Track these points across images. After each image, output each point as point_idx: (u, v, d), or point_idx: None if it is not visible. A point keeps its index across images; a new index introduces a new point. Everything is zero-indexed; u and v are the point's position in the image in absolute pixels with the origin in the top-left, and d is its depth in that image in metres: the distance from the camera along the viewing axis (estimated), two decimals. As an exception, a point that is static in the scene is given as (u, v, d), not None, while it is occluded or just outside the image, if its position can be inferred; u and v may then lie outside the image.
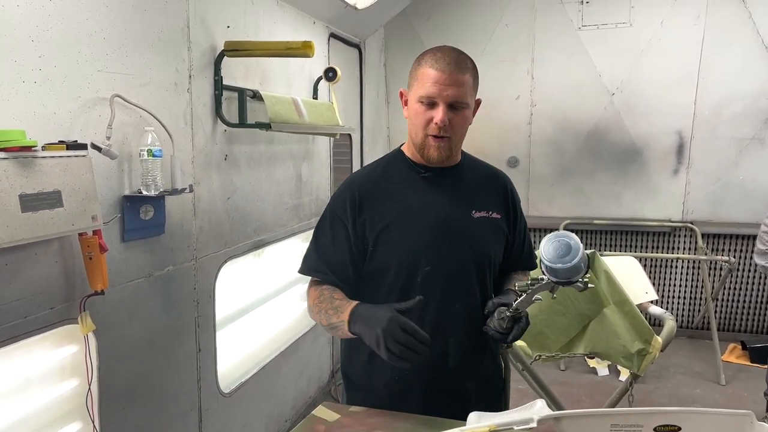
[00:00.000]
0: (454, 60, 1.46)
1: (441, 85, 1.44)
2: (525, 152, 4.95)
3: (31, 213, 1.43)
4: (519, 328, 1.37)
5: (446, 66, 1.44)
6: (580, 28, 4.66)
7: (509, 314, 1.36)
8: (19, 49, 1.54)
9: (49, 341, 1.77)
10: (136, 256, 2.02)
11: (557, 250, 1.22)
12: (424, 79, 1.46)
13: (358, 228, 1.54)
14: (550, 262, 1.22)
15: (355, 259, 1.55)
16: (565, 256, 1.21)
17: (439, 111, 1.45)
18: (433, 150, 1.50)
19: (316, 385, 3.74)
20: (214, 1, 2.42)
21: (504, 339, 1.39)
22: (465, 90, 1.47)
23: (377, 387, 1.59)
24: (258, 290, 3.11)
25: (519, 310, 1.35)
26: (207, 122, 2.41)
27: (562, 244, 1.22)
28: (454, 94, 1.45)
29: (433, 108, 1.46)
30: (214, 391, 2.56)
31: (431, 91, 1.44)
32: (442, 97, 1.44)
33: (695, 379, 4.09)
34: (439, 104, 1.45)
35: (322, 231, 1.60)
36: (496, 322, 1.38)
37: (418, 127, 1.50)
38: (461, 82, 1.45)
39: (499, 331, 1.38)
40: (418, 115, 1.48)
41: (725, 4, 4.34)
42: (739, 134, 4.47)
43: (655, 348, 2.30)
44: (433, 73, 1.44)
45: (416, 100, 1.48)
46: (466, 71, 1.47)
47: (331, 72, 3.33)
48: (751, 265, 4.58)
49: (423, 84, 1.46)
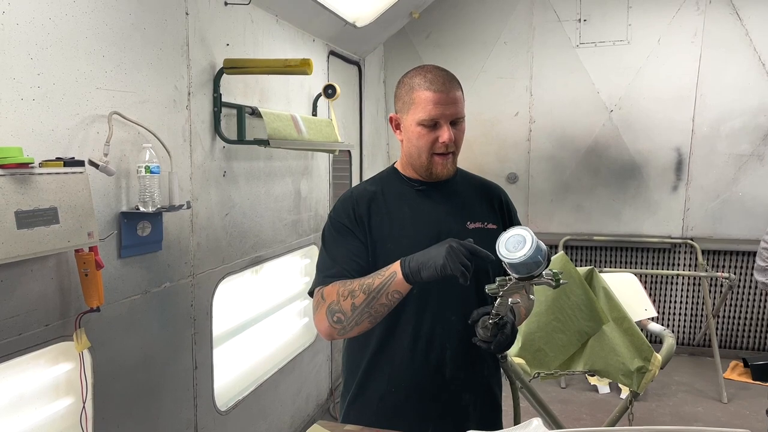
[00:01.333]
0: (446, 79, 1.50)
1: (442, 106, 1.46)
2: (524, 168, 4.96)
3: (27, 230, 1.43)
4: (503, 335, 1.34)
5: (442, 86, 1.47)
6: (578, 46, 4.70)
7: (491, 321, 1.35)
8: (18, 66, 1.56)
9: (43, 359, 1.76)
10: (132, 273, 2.01)
11: (512, 244, 1.21)
12: (424, 102, 1.47)
13: (362, 231, 1.53)
14: (505, 257, 1.21)
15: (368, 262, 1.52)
16: (519, 250, 1.20)
17: (444, 130, 1.48)
18: (441, 167, 1.53)
19: (314, 402, 3.71)
20: (214, 19, 2.45)
21: (489, 348, 1.37)
22: (462, 105, 1.51)
23: (373, 398, 1.58)
24: (256, 307, 3.10)
25: (500, 315, 1.34)
26: (206, 139, 2.42)
27: (515, 238, 1.21)
28: (454, 112, 1.48)
29: (436, 128, 1.49)
30: (210, 409, 2.53)
31: (434, 113, 1.47)
32: (445, 116, 1.47)
33: (697, 397, 4.06)
34: (443, 124, 1.48)
35: (330, 243, 1.56)
36: (480, 330, 1.37)
37: (422, 149, 1.51)
38: (457, 99, 1.49)
39: (484, 339, 1.37)
40: (422, 137, 1.50)
41: (722, 21, 4.38)
42: (737, 151, 4.48)
43: (655, 366, 2.28)
44: (432, 95, 1.46)
45: (416, 123, 1.49)
46: (458, 87, 1.52)
47: (331, 89, 3.35)
48: (752, 281, 4.56)
49: (423, 107, 1.48)
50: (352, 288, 1.40)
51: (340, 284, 1.44)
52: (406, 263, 1.34)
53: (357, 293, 1.39)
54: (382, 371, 1.57)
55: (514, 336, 1.40)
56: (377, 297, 1.36)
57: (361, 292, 1.38)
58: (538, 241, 1.20)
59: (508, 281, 1.26)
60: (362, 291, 1.38)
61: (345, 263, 1.50)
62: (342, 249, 1.53)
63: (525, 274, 1.22)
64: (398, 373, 1.55)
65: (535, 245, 1.19)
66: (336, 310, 1.41)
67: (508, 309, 1.35)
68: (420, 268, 1.32)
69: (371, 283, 1.38)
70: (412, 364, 1.54)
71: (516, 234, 1.22)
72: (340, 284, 1.44)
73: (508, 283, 1.26)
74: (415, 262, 1.33)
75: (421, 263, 1.32)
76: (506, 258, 1.21)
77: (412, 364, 1.54)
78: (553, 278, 1.25)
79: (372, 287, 1.37)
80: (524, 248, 1.19)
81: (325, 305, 1.43)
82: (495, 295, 1.30)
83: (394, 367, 1.56)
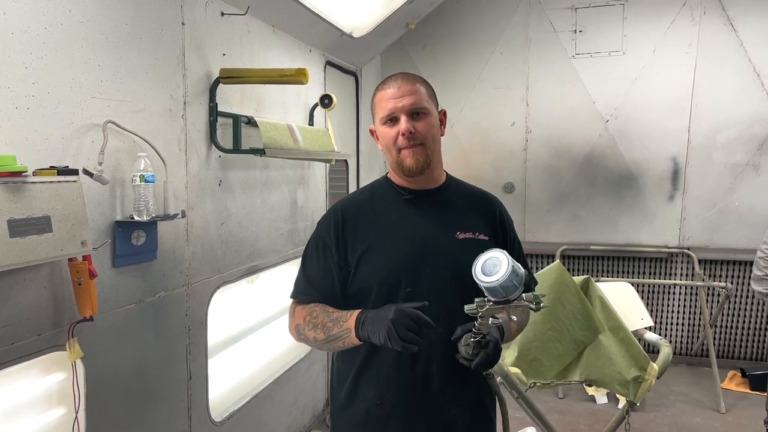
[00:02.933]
0: (401, 76, 1.57)
1: (395, 99, 1.52)
2: (521, 178, 4.97)
3: (20, 238, 1.43)
4: (485, 354, 1.34)
5: (395, 82, 1.55)
6: (573, 56, 4.72)
7: (473, 340, 1.34)
8: (12, 75, 1.56)
9: (36, 368, 1.74)
10: (126, 282, 2.01)
11: (488, 268, 1.22)
12: (380, 101, 1.56)
13: (341, 250, 1.56)
14: (480, 281, 1.23)
15: (342, 284, 1.57)
16: (494, 274, 1.21)
17: (402, 122, 1.52)
18: (409, 159, 1.54)
19: (310, 413, 3.69)
20: (210, 29, 2.46)
21: (470, 365, 1.37)
22: (419, 97, 1.54)
23: (359, 411, 1.56)
24: (251, 317, 3.09)
25: (482, 333, 1.34)
26: (201, 148, 2.42)
27: (491, 261, 1.22)
28: (410, 102, 1.52)
29: (396, 123, 1.54)
30: (205, 420, 2.52)
31: (389, 107, 1.53)
32: (399, 108, 1.52)
33: (695, 407, 4.04)
34: (400, 116, 1.52)
35: (309, 258, 1.63)
36: (462, 348, 1.37)
37: (389, 147, 1.56)
38: (413, 91, 1.54)
39: (466, 357, 1.37)
40: (385, 135, 1.56)
41: (716, 32, 4.41)
42: (733, 160, 4.49)
43: (651, 375, 2.27)
44: (386, 92, 1.55)
45: (381, 123, 1.56)
46: (415, 81, 1.57)
47: (327, 99, 3.36)
48: (749, 291, 4.55)
49: (381, 106, 1.55)
50: (315, 322, 1.51)
51: (308, 311, 1.55)
52: (360, 326, 1.41)
53: (319, 329, 1.49)
54: (369, 384, 1.56)
55: (497, 355, 1.39)
56: (335, 341, 1.47)
57: (321, 331, 1.49)
58: (514, 265, 1.21)
59: (486, 302, 1.26)
60: (323, 330, 1.48)
61: (317, 282, 1.59)
62: (316, 267, 1.60)
63: (501, 297, 1.23)
64: (384, 385, 1.54)
65: (509, 270, 1.20)
66: (301, 333, 1.56)
67: (492, 328, 1.34)
68: (369, 335, 1.39)
69: (330, 327, 1.47)
70: (398, 377, 1.53)
71: (492, 257, 1.23)
72: (308, 311, 1.55)
73: (486, 304, 1.26)
74: (365, 330, 1.39)
75: (370, 331, 1.38)
76: (481, 282, 1.22)
77: (398, 376, 1.53)
78: (533, 301, 1.25)
79: (330, 332, 1.46)
80: (499, 272, 1.21)
81: (294, 323, 1.60)
82: (474, 316, 1.30)
83: (380, 379, 1.55)
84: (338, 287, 1.57)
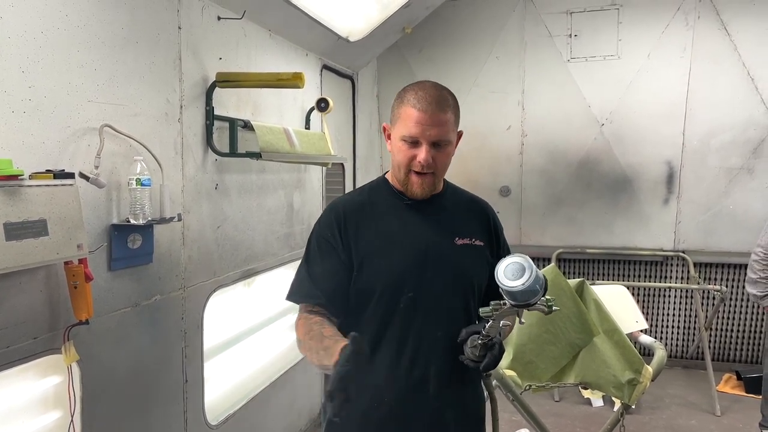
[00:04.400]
0: (435, 99, 1.47)
1: (424, 126, 1.45)
2: (517, 182, 4.99)
3: (16, 241, 1.43)
4: (491, 356, 1.35)
5: (428, 106, 1.46)
6: (569, 61, 4.74)
7: (480, 342, 1.35)
8: (9, 79, 1.56)
9: (31, 372, 1.75)
10: (122, 285, 2.01)
11: (511, 272, 1.22)
12: (407, 118, 1.47)
13: (345, 247, 1.54)
14: (504, 285, 1.22)
15: (347, 283, 1.54)
16: (518, 279, 1.21)
17: (422, 151, 1.47)
18: (417, 186, 1.53)
19: (307, 417, 3.69)
20: (207, 33, 2.46)
21: (477, 367, 1.37)
22: (447, 128, 1.48)
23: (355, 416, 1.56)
24: (247, 320, 3.09)
25: (490, 336, 1.34)
26: (198, 152, 2.43)
27: (515, 266, 1.22)
28: (437, 134, 1.47)
29: (416, 146, 1.48)
30: (201, 424, 2.51)
31: (414, 131, 1.46)
32: (425, 137, 1.46)
33: (690, 410, 4.05)
34: (423, 144, 1.47)
35: (312, 257, 1.58)
36: (469, 350, 1.38)
37: (401, 164, 1.52)
38: (443, 122, 1.47)
39: (472, 359, 1.37)
40: (401, 152, 1.50)
41: (711, 36, 4.44)
42: (727, 164, 4.52)
43: (646, 378, 2.28)
44: (416, 113, 1.46)
45: (399, 138, 1.50)
46: (447, 110, 1.48)
47: (323, 102, 3.37)
48: (744, 294, 4.57)
49: (406, 124, 1.48)
50: (311, 345, 1.42)
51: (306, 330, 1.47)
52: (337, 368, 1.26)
53: (314, 354, 1.41)
54: (366, 386, 1.56)
55: (501, 356, 1.41)
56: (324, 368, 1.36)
57: (316, 357, 1.40)
58: (537, 271, 1.22)
59: (502, 305, 1.27)
60: (317, 357, 1.39)
61: (322, 283, 1.53)
62: (321, 267, 1.55)
63: (521, 301, 1.23)
64: (382, 388, 1.54)
65: (534, 275, 1.21)
66: (301, 347, 1.50)
67: (498, 331, 1.35)
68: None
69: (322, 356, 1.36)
70: (396, 380, 1.53)
71: (515, 262, 1.24)
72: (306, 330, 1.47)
73: (502, 307, 1.27)
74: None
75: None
76: (505, 286, 1.22)
77: (396, 379, 1.53)
78: (546, 304, 1.26)
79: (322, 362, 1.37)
80: (524, 277, 1.21)
81: (297, 333, 1.52)
82: (488, 318, 1.31)
83: (378, 382, 1.55)
84: (344, 287, 1.53)
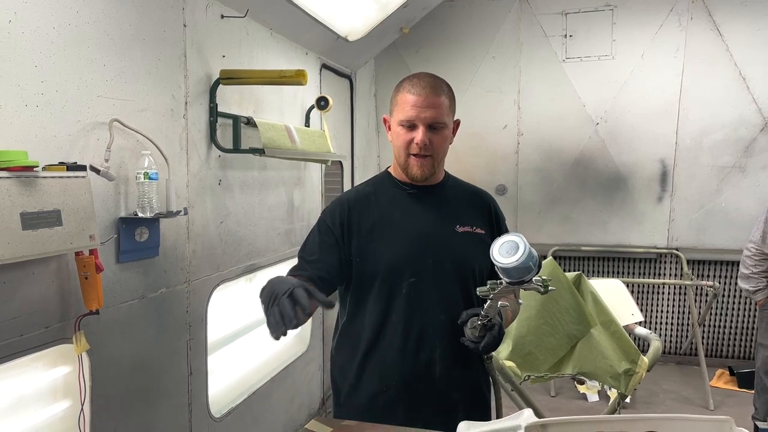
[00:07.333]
0: (429, 84, 1.57)
1: (419, 108, 1.55)
2: (513, 180, 5.04)
3: (32, 231, 1.47)
4: (491, 336, 1.40)
5: (422, 90, 1.55)
6: (564, 61, 4.81)
7: (479, 323, 1.40)
8: (23, 74, 1.60)
9: (42, 361, 1.78)
10: (130, 278, 2.04)
11: (505, 250, 1.26)
12: (403, 104, 1.57)
13: (345, 237, 1.61)
14: (498, 262, 1.26)
15: (340, 265, 1.61)
16: (512, 255, 1.25)
17: (419, 132, 1.55)
18: (416, 168, 1.60)
19: (306, 412, 3.72)
20: (211, 31, 2.50)
21: (477, 348, 1.42)
22: (441, 111, 1.57)
23: (364, 399, 1.61)
24: (249, 315, 3.12)
25: (488, 316, 1.39)
26: (202, 147, 2.47)
27: (509, 244, 1.27)
28: (432, 116, 1.55)
29: (413, 130, 1.57)
30: (204, 415, 2.55)
31: (410, 114, 1.55)
32: (421, 119, 1.55)
33: (684, 405, 4.11)
34: (419, 126, 1.56)
35: (311, 240, 1.68)
36: (468, 331, 1.43)
37: (400, 149, 1.61)
38: (437, 104, 1.56)
39: (472, 340, 1.42)
40: (400, 137, 1.59)
41: (703, 37, 4.51)
42: (720, 162, 4.59)
43: (642, 368, 2.33)
44: (411, 97, 1.55)
45: (397, 123, 1.59)
46: (441, 94, 1.58)
47: (323, 101, 3.41)
48: (736, 290, 4.65)
49: (402, 108, 1.57)
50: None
51: None
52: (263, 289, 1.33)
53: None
54: (374, 371, 1.61)
55: (501, 337, 1.46)
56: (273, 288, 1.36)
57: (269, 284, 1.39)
58: (531, 248, 1.26)
59: (498, 285, 1.32)
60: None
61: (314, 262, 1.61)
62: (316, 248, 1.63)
63: (516, 278, 1.28)
64: (389, 372, 1.60)
65: (527, 252, 1.25)
66: None
67: (497, 311, 1.40)
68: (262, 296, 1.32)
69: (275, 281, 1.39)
70: (403, 364, 1.59)
71: (509, 240, 1.28)
72: None
73: (499, 286, 1.32)
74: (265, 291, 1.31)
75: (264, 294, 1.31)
76: (499, 262, 1.26)
77: (403, 363, 1.59)
78: (542, 284, 1.31)
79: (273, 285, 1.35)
80: (517, 254, 1.25)
81: None
82: (486, 297, 1.35)
83: (385, 366, 1.60)
84: (336, 266, 1.60)
